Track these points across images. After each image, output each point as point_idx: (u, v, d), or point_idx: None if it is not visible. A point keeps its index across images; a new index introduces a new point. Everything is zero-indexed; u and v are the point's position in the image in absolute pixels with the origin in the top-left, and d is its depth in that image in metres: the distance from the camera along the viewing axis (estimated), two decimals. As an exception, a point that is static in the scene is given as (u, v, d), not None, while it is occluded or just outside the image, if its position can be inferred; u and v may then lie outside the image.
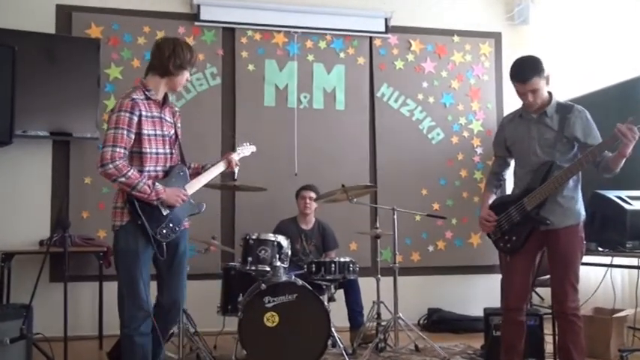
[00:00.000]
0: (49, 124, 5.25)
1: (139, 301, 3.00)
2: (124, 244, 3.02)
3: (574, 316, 3.24)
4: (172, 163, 3.21)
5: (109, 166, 2.90)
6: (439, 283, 6.10)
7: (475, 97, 6.38)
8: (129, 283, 3.01)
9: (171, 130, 3.23)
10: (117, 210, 3.06)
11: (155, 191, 2.98)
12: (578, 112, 3.28)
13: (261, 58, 5.90)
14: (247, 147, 3.84)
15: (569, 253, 3.26)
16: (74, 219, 5.15)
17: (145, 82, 3.13)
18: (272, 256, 4.20)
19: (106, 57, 5.51)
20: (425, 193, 6.16)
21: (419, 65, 6.27)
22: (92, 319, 5.17)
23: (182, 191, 3.13)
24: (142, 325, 3.03)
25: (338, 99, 6.05)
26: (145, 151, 3.05)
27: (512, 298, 3.37)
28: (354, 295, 4.92)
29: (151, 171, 3.07)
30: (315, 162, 5.87)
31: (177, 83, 3.16)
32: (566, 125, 3.25)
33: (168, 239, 3.08)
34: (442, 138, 6.27)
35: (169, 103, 3.23)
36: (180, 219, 3.15)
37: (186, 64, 3.12)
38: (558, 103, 3.34)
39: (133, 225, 2.99)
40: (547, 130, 3.30)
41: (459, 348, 4.83)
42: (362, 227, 5.70)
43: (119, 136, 2.94)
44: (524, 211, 3.28)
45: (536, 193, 3.23)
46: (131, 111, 2.98)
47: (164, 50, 3.09)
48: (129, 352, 3.04)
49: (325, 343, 3.97)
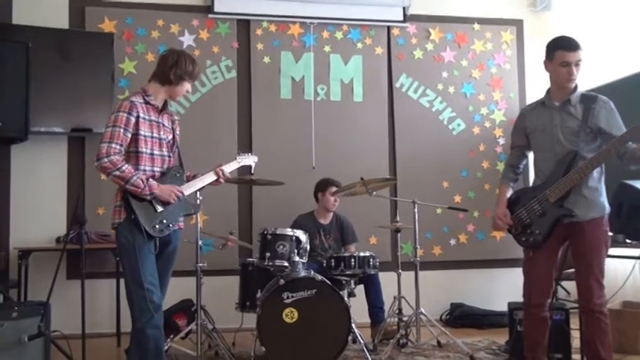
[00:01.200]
0: (64, 121, 5.30)
1: (148, 293, 3.07)
2: (124, 240, 3.12)
3: (600, 313, 3.20)
4: (169, 165, 3.32)
5: (105, 159, 3.04)
6: (461, 278, 6.07)
7: (497, 87, 6.33)
8: (134, 277, 3.08)
9: (169, 135, 3.35)
10: (116, 208, 3.20)
11: (148, 186, 3.10)
12: (603, 103, 3.26)
13: (277, 50, 5.90)
14: (248, 157, 3.87)
15: (593, 247, 3.22)
16: (90, 215, 5.20)
17: (146, 88, 3.28)
18: (290, 251, 4.21)
19: (120, 51, 5.54)
20: (446, 186, 6.12)
21: (438, 55, 6.23)
22: (110, 316, 5.23)
23: (177, 188, 3.23)
24: (154, 317, 3.09)
25: (356, 90, 6.03)
26: (140, 151, 3.18)
27: (534, 293, 3.34)
28: (375, 290, 4.91)
29: (147, 170, 3.20)
30: (333, 155, 5.86)
31: (176, 93, 3.31)
32: (590, 115, 3.22)
33: (161, 235, 3.18)
34: (463, 129, 6.23)
35: (168, 110, 3.37)
36: (174, 217, 3.24)
37: (186, 76, 3.28)
38: (582, 93, 3.32)
39: (130, 221, 3.10)
40: (570, 119, 3.27)
41: (483, 344, 4.80)
42: (382, 221, 5.69)
43: (116, 133, 3.09)
44: (547, 203, 3.24)
45: (559, 185, 3.19)
46: (129, 112, 3.12)
47: (168, 60, 3.28)
48: (141, 345, 3.11)
49: (345, 339, 3.97)
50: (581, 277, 3.24)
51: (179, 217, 3.30)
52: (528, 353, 3.42)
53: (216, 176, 3.48)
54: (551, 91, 3.38)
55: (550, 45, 3.31)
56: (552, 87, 3.38)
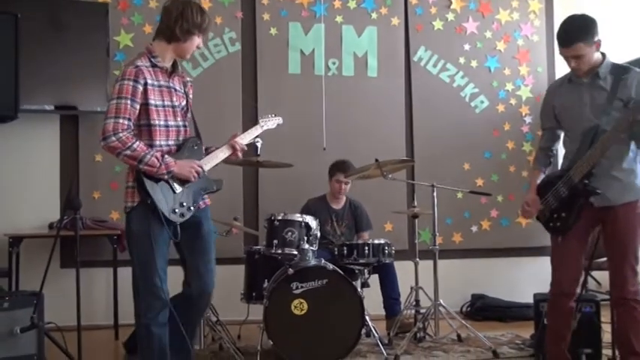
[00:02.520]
0: (55, 97, 5.32)
1: (156, 288, 3.01)
2: (136, 226, 3.02)
3: (635, 301, 3.21)
4: (185, 137, 3.18)
5: (112, 138, 2.87)
6: (483, 267, 6.08)
7: (523, 60, 6.29)
8: (144, 269, 3.02)
9: (182, 101, 3.19)
10: (128, 189, 3.06)
11: (165, 164, 2.95)
12: (636, 74, 3.23)
13: (285, 21, 5.88)
14: (272, 119, 3.74)
15: (628, 233, 3.23)
16: (85, 200, 5.18)
17: (151, 47, 3.10)
18: (299, 238, 4.22)
19: (116, 23, 5.54)
20: (467, 168, 6.12)
21: (460, 25, 6.19)
22: (107, 307, 5.27)
23: (196, 163, 3.09)
24: (160, 314, 3.05)
25: (370, 65, 6.01)
26: (153, 124, 3.02)
27: (564, 282, 3.34)
28: (390, 281, 4.93)
29: (162, 145, 3.05)
30: (345, 135, 5.86)
31: (185, 50, 3.11)
32: (621, 86, 3.20)
33: (182, 219, 3.05)
34: (486, 106, 6.20)
35: (179, 71, 3.19)
36: (195, 196, 3.12)
37: (194, 29, 3.06)
38: (613, 64, 3.28)
39: (145, 205, 2.98)
40: (600, 94, 3.25)
41: (506, 338, 4.82)
42: (398, 206, 5.70)
43: (122, 106, 2.91)
44: (572, 183, 3.24)
45: (582, 162, 3.20)
46: (135, 79, 2.94)
47: (171, 12, 3.05)
48: (146, 344, 3.07)
49: (359, 332, 4.00)
50: (615, 265, 3.26)
51: (200, 196, 3.16)
52: (552, 347, 3.43)
53: (232, 149, 3.30)
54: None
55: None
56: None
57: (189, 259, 3.19)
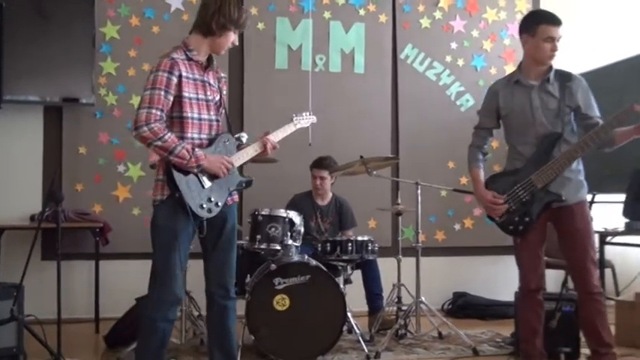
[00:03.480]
0: (39, 89, 5.27)
1: (171, 284, 2.99)
2: (162, 220, 3.00)
3: (599, 294, 3.33)
4: (217, 131, 3.17)
5: (144, 128, 2.87)
6: (466, 265, 6.12)
7: (510, 60, 6.32)
8: (164, 263, 2.99)
9: (216, 96, 3.19)
10: (158, 183, 3.05)
11: (195, 157, 2.94)
12: (579, 81, 3.35)
13: (272, 16, 5.87)
14: (306, 117, 3.63)
15: (585, 229, 3.35)
16: (68, 192, 5.21)
17: (187, 41, 3.09)
18: (283, 233, 4.22)
19: (102, 14, 5.50)
20: (452, 166, 6.14)
21: (447, 24, 6.21)
22: (88, 301, 5.24)
23: (227, 159, 3.09)
24: (170, 310, 3.04)
25: (357, 61, 6.02)
26: (186, 116, 3.01)
27: (532, 278, 3.42)
28: (373, 277, 4.94)
29: (194, 138, 3.04)
30: (331, 131, 5.85)
31: (220, 45, 3.10)
32: (567, 93, 3.30)
33: (209, 215, 3.04)
34: (472, 105, 6.22)
35: (214, 66, 3.19)
36: (224, 193, 3.11)
37: (231, 25, 3.05)
38: (556, 70, 3.37)
39: (173, 199, 2.97)
40: (550, 99, 3.33)
41: (487, 335, 4.85)
42: (382, 203, 5.71)
43: (155, 97, 2.91)
44: (534, 188, 3.30)
45: (546, 169, 3.26)
46: (170, 70, 2.94)
47: (210, 6, 3.04)
48: (147, 336, 3.04)
49: (340, 328, 4.01)
50: (578, 261, 3.34)
51: (229, 193, 3.14)
52: (526, 345, 3.49)
53: (263, 146, 3.27)
54: (525, 67, 3.41)
55: (530, 17, 3.35)
56: (528, 63, 3.40)
57: (211, 254, 3.17)
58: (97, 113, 5.48)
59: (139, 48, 5.54)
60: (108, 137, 5.50)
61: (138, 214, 5.41)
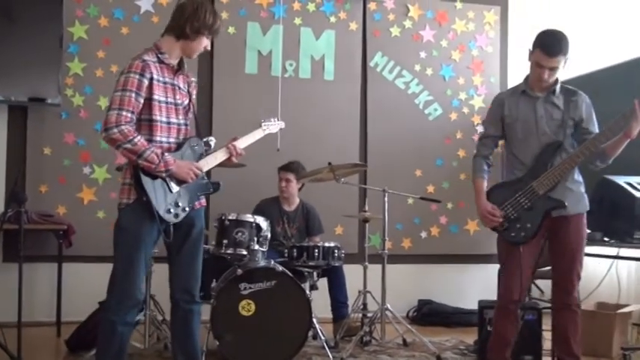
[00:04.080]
0: (4, 88, 5.18)
1: (132, 287, 2.98)
2: (127, 223, 2.98)
3: (577, 306, 3.41)
4: (185, 135, 3.16)
5: (114, 130, 2.85)
6: (431, 273, 6.16)
7: (477, 70, 6.39)
8: (126, 266, 2.97)
9: (185, 100, 3.18)
10: (125, 186, 3.02)
11: (164, 162, 2.93)
12: (584, 97, 3.43)
13: (243, 20, 5.86)
14: (274, 123, 3.65)
15: (578, 242, 3.40)
16: (31, 193, 5.12)
17: (159, 43, 3.08)
18: (250, 239, 4.21)
19: (70, 14, 5.44)
20: (419, 174, 6.19)
21: (417, 33, 6.26)
22: (50, 304, 5.16)
23: (195, 165, 3.08)
24: (129, 313, 3.02)
25: (327, 68, 6.04)
26: (155, 119, 3.00)
27: (516, 290, 3.41)
28: (339, 284, 4.95)
29: (162, 142, 3.03)
30: (299, 137, 5.86)
31: (192, 49, 3.10)
32: (572, 107, 3.37)
33: (176, 220, 3.03)
34: (440, 114, 6.29)
35: (184, 70, 3.18)
36: (191, 197, 3.10)
37: (205, 29, 3.06)
38: (562, 85, 3.43)
39: (141, 203, 2.95)
40: (555, 110, 3.39)
41: (451, 343, 4.89)
42: (349, 210, 5.73)
43: (126, 99, 2.89)
44: (535, 195, 3.33)
45: (547, 176, 3.30)
46: (141, 72, 2.93)
47: (185, 10, 3.05)
48: (107, 340, 3.01)
49: (305, 334, 4.01)
50: (564, 271, 3.40)
51: (197, 197, 3.14)
52: (496, 354, 3.50)
53: (229, 153, 3.27)
54: (530, 81, 3.46)
55: (536, 37, 3.36)
56: (532, 79, 3.44)
57: (175, 258, 3.15)
58: (62, 114, 5.41)
59: (108, 49, 5.49)
60: (74, 138, 5.43)
61: (103, 217, 5.34)
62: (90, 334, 4.16)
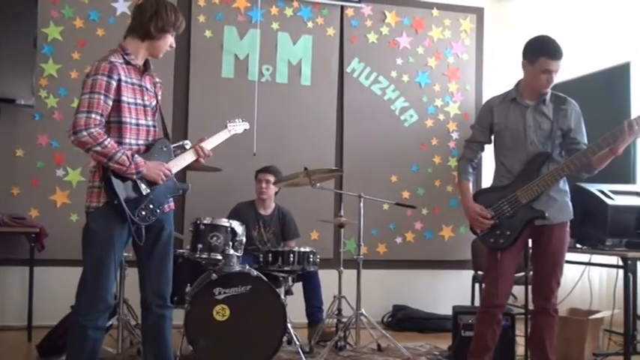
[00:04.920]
0: (-24, 88, 5.13)
1: (103, 291, 2.94)
2: (96, 227, 2.94)
3: (555, 311, 3.45)
4: (154, 137, 3.14)
5: (83, 133, 2.81)
6: (406, 278, 6.18)
7: (453, 78, 6.44)
8: (96, 270, 2.93)
9: (153, 101, 3.16)
10: (94, 190, 2.98)
11: (135, 164, 2.91)
12: (573, 106, 3.46)
13: (220, 24, 5.85)
14: (239, 124, 3.66)
15: (560, 250, 3.45)
16: (3, 195, 5.07)
17: (124, 45, 3.06)
18: (225, 243, 4.19)
19: (45, 14, 5.38)
20: (394, 180, 6.21)
21: (394, 40, 6.30)
22: (21, 308, 5.08)
23: (165, 166, 3.06)
24: (100, 318, 2.98)
25: (304, 73, 6.04)
26: (124, 121, 2.97)
27: (498, 295, 3.44)
28: (314, 289, 4.95)
29: (132, 144, 3.00)
30: (276, 141, 5.86)
31: (158, 48, 3.09)
32: (561, 116, 3.40)
33: (147, 222, 3.01)
34: (416, 120, 6.32)
35: (150, 70, 3.16)
36: (161, 199, 3.08)
37: (169, 27, 3.05)
38: (552, 92, 3.46)
39: (110, 206, 2.92)
40: (544, 120, 3.42)
41: (425, 348, 4.91)
42: (325, 215, 5.73)
43: (95, 101, 2.86)
44: (518, 204, 3.36)
45: (532, 186, 3.33)
46: (109, 74, 2.90)
47: (146, 10, 3.03)
48: (77, 345, 2.96)
49: (280, 339, 3.99)
50: (544, 277, 3.44)
51: (166, 199, 3.12)
52: (476, 359, 3.52)
53: (197, 154, 3.24)
54: (522, 88, 3.49)
55: (534, 47, 3.38)
56: (525, 85, 3.47)
57: (146, 262, 3.11)
58: (35, 115, 5.35)
59: (83, 50, 5.44)
60: (47, 140, 5.37)
61: (76, 220, 5.29)
62: (61, 339, 4.11)
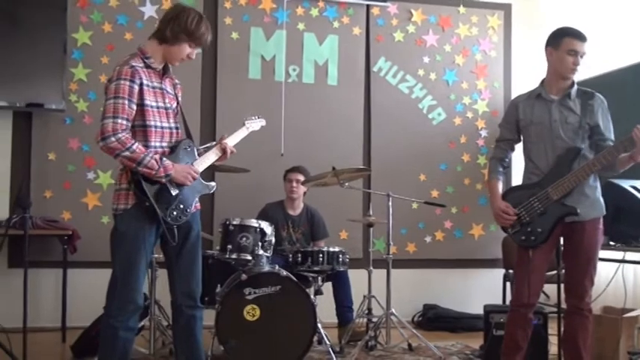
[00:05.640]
0: (9, 94, 5.21)
1: (133, 292, 2.98)
2: (126, 228, 2.97)
3: (589, 312, 3.38)
4: (177, 139, 3.17)
5: (112, 139, 2.85)
6: (436, 278, 6.15)
7: (481, 75, 6.39)
8: (126, 271, 2.96)
9: (174, 103, 3.19)
10: (121, 192, 3.01)
11: (163, 167, 2.94)
12: (601, 101, 3.41)
13: (247, 26, 5.87)
14: (256, 121, 3.70)
15: (592, 247, 3.38)
16: (36, 199, 5.12)
17: (144, 48, 3.08)
18: (254, 243, 4.21)
19: (74, 20, 5.46)
20: (423, 179, 6.18)
21: (420, 38, 6.27)
22: (55, 310, 5.17)
23: (192, 168, 3.09)
24: (131, 318, 3.01)
25: (330, 73, 6.04)
26: (149, 124, 3.00)
27: (528, 294, 3.39)
28: (344, 289, 4.94)
29: (157, 147, 3.02)
30: (303, 142, 5.87)
31: (173, 55, 3.08)
32: (588, 111, 3.36)
33: (179, 222, 3.04)
34: (444, 118, 6.29)
35: (170, 73, 3.18)
36: (190, 200, 3.10)
37: (184, 35, 3.03)
38: (579, 88, 3.42)
39: (139, 208, 2.95)
40: (570, 114, 3.38)
41: (456, 348, 4.88)
42: (353, 214, 5.72)
43: (120, 107, 2.89)
44: (549, 201, 3.32)
45: (563, 182, 3.28)
46: (131, 79, 2.93)
47: (167, 14, 3.08)
48: (109, 346, 2.99)
49: (310, 339, 4.01)
50: (577, 276, 3.38)
51: (194, 199, 3.14)
52: (507, 358, 3.49)
53: (222, 152, 3.28)
54: (547, 82, 3.46)
55: (557, 32, 3.40)
56: (550, 78, 3.45)
57: (175, 263, 3.14)
58: (66, 119, 5.42)
59: (111, 54, 5.50)
60: (78, 144, 5.44)
61: (107, 222, 5.35)
62: (95, 340, 4.11)
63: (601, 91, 3.47)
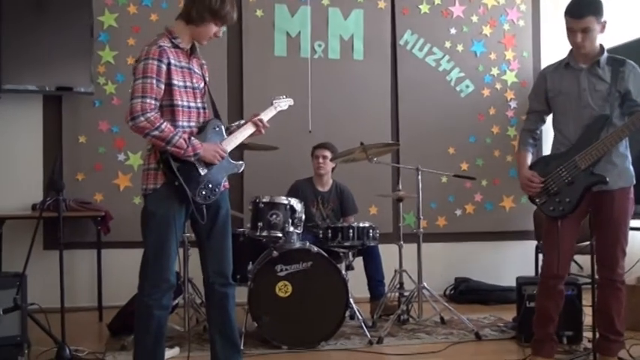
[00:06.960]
0: (38, 78, 5.24)
1: (165, 271, 3.00)
2: (156, 208, 2.98)
3: (622, 283, 3.35)
4: (205, 118, 3.17)
5: (141, 118, 2.85)
6: (467, 251, 6.13)
7: (509, 45, 6.30)
8: (157, 250, 2.99)
9: (201, 83, 3.19)
10: (150, 172, 3.02)
11: (192, 146, 2.94)
12: (632, 67, 3.33)
13: (271, 3, 5.84)
14: (284, 100, 3.67)
15: (622, 217, 3.33)
16: (68, 181, 5.19)
17: (171, 28, 3.08)
18: (284, 220, 4.23)
19: (99, 2, 5.47)
20: (452, 152, 6.14)
21: (446, 9, 6.18)
22: (91, 290, 5.26)
23: (220, 147, 3.09)
24: (164, 297, 3.04)
25: (356, 48, 6.00)
26: (176, 104, 3.00)
27: (558, 265, 3.37)
28: (375, 264, 4.96)
29: (185, 126, 3.03)
30: (331, 118, 5.85)
31: (200, 35, 3.07)
32: (619, 78, 3.28)
33: (208, 201, 3.05)
34: (472, 90, 6.21)
35: (197, 54, 3.17)
36: (219, 179, 3.11)
37: (208, 15, 3.02)
38: (609, 55, 3.34)
39: (168, 188, 2.97)
40: (599, 82, 3.31)
41: (489, 320, 4.87)
42: (383, 189, 5.72)
43: (148, 86, 2.89)
44: (577, 170, 3.27)
45: (591, 150, 3.23)
46: (159, 58, 2.93)
47: None
48: (144, 324, 3.03)
49: (343, 314, 4.03)
50: (607, 247, 3.34)
51: (223, 178, 3.14)
52: (540, 329, 3.48)
53: (255, 127, 3.26)
54: (575, 52, 3.39)
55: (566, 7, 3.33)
56: (571, 47, 3.39)
57: (206, 242, 3.15)
58: (95, 102, 5.47)
59: (138, 36, 5.52)
60: (108, 126, 5.49)
61: (139, 202, 5.39)
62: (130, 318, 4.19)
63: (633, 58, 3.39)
